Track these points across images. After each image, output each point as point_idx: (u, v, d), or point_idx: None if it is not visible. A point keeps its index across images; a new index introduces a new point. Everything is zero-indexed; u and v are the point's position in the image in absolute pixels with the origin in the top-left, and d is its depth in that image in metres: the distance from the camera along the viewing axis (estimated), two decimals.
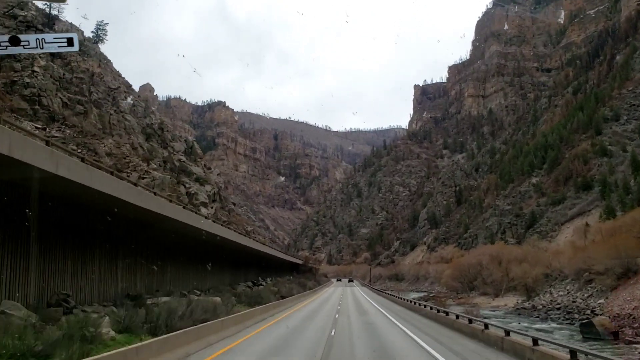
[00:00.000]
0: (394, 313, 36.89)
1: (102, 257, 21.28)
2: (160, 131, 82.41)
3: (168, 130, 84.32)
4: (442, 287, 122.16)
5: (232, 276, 49.37)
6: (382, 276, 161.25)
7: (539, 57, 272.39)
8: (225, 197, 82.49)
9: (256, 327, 25.00)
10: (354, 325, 26.29)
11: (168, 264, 31.02)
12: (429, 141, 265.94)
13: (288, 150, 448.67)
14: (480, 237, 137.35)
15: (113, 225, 20.48)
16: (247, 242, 47.76)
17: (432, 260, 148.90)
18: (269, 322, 27.77)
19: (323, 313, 35.71)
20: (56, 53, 23.33)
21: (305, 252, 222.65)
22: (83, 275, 19.70)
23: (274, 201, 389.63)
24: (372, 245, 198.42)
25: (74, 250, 19.03)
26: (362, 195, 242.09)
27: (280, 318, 30.74)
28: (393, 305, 47.33)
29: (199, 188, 75.53)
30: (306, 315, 33.56)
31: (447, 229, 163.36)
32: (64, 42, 2.40)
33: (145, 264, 26.17)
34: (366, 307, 43.45)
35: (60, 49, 2.47)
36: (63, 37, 2.31)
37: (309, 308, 41.40)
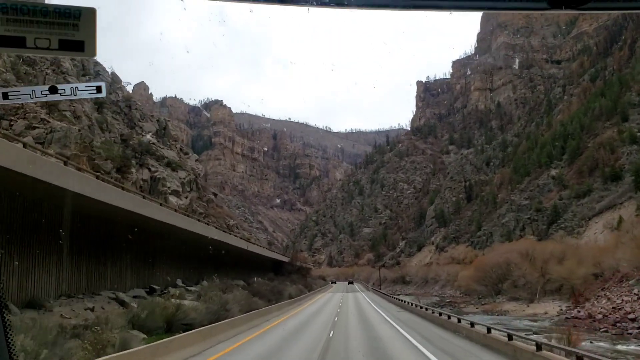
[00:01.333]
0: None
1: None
2: (128, 109, 69.73)
3: (137, 108, 71.66)
4: (456, 290, 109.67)
5: (172, 272, 36.01)
6: (386, 279, 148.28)
7: (548, 49, 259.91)
8: (204, 186, 69.67)
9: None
10: None
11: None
12: (434, 136, 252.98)
13: (287, 150, 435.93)
14: (496, 235, 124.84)
15: None
16: (190, 227, 34.50)
17: (442, 261, 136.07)
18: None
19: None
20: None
21: (305, 254, 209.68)
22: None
23: (273, 202, 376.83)
24: (375, 245, 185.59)
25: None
26: (364, 193, 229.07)
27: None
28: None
29: (170, 174, 62.88)
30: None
31: (457, 227, 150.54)
32: (94, 90, 2.51)
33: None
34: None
35: (91, 95, 2.57)
36: (93, 85, 2.45)
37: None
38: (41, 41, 1.87)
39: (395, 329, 26.25)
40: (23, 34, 1.84)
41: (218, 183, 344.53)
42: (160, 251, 33.55)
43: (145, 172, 57.22)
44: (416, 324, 30.35)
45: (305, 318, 34.71)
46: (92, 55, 1.76)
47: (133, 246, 27.80)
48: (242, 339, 21.87)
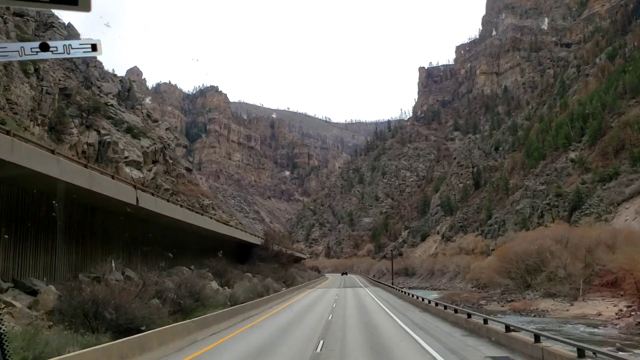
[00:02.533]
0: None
1: None
2: (85, 66, 58.01)
3: (96, 66, 59.94)
4: (466, 283, 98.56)
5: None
6: (388, 270, 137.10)
7: (557, 31, 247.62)
8: (175, 159, 58.03)
9: None
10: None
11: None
12: (438, 122, 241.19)
13: (285, 139, 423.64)
14: (509, 222, 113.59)
15: None
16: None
17: (449, 251, 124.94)
18: None
19: None
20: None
21: (301, 245, 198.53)
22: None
23: (270, 192, 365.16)
24: (376, 236, 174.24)
25: None
26: (364, 181, 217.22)
27: None
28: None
29: (128, 141, 51.30)
30: None
31: (464, 215, 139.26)
32: (89, 48, 2.52)
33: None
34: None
35: (86, 54, 2.58)
36: (88, 43, 2.48)
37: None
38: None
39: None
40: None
41: (213, 172, 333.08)
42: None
43: (92, 135, 45.73)
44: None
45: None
46: (87, 9, 1.84)
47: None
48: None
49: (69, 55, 2.51)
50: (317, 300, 44.01)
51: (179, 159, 63.51)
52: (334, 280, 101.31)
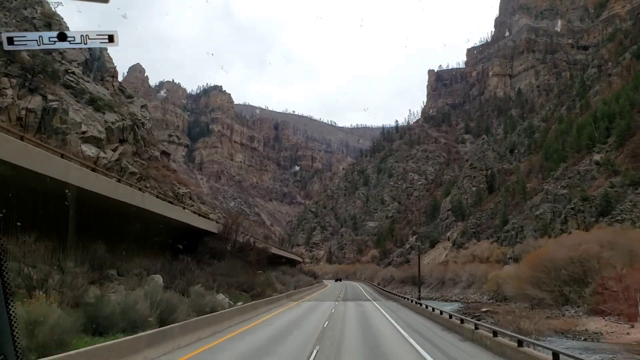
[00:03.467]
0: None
1: None
2: (47, 27, 49.00)
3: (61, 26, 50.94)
4: (482, 294, 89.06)
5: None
6: (394, 278, 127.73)
7: (574, 33, 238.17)
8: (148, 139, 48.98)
9: None
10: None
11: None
12: (448, 124, 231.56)
13: (289, 141, 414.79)
14: (528, 228, 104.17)
15: None
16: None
17: (461, 259, 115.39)
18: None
19: None
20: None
21: (302, 249, 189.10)
22: None
23: (272, 194, 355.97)
24: (380, 241, 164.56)
25: None
26: (369, 183, 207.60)
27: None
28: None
29: (89, 114, 42.25)
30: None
31: (477, 221, 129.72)
32: (106, 39, 2.66)
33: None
34: None
35: (102, 44, 2.83)
36: (105, 33, 2.63)
37: None
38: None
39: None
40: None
41: (214, 172, 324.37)
42: None
43: (35, 100, 36.70)
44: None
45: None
46: (105, 1, 1.84)
47: None
48: None
49: (86, 45, 2.54)
50: (292, 326, 25.90)
51: (154, 141, 54.35)
52: (332, 289, 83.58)
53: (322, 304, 43.89)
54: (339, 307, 39.23)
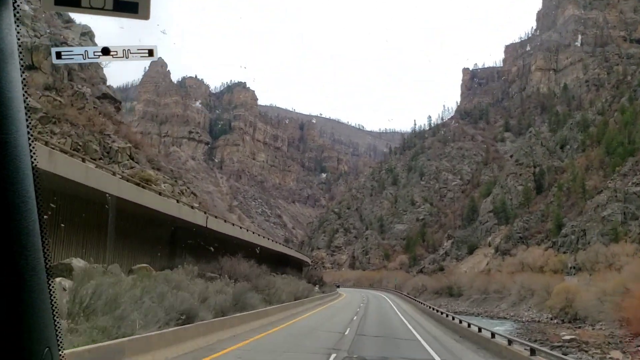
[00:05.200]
0: None
1: None
2: None
3: None
4: (539, 311, 71.33)
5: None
6: (426, 288, 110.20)
7: (627, 25, 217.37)
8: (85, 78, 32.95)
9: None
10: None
11: None
12: (486, 121, 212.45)
13: (315, 142, 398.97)
14: (593, 232, 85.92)
15: None
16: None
17: (507, 268, 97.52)
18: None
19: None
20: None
21: (322, 252, 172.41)
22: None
23: (295, 196, 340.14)
24: (410, 246, 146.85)
25: None
26: (398, 182, 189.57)
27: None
28: None
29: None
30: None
31: (525, 224, 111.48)
32: (146, 53, 2.99)
33: None
34: None
35: (143, 58, 3.01)
36: (145, 48, 2.99)
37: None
38: (96, 1, 1.82)
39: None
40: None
41: (234, 171, 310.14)
42: None
43: None
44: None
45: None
46: (146, 17, 1.96)
47: None
48: None
49: (127, 59, 2.66)
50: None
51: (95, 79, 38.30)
52: (348, 303, 59.86)
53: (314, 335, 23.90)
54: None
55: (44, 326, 1.80)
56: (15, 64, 1.64)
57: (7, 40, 1.61)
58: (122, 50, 2.68)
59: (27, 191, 1.66)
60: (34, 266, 1.71)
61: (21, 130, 1.58)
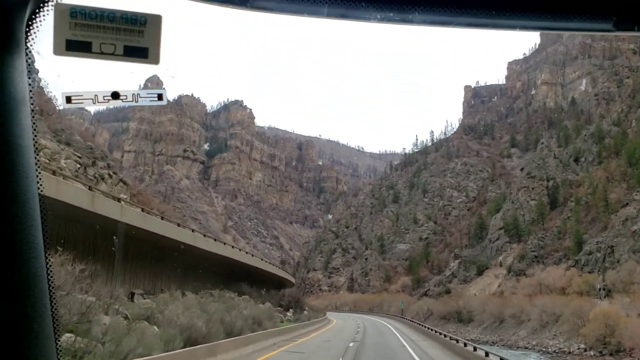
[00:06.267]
0: None
1: None
2: None
3: None
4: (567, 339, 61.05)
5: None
6: (432, 313, 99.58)
7: (636, 38, 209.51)
8: None
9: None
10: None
11: None
12: (491, 137, 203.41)
13: (313, 162, 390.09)
14: (622, 249, 75.94)
15: None
16: None
17: (522, 289, 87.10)
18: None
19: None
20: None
21: (318, 274, 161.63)
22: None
23: (293, 217, 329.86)
24: (413, 267, 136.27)
25: None
26: (399, 200, 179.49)
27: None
28: None
29: None
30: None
31: (540, 241, 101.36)
32: (155, 97, 2.89)
33: None
34: None
35: (152, 102, 2.94)
36: (154, 92, 2.80)
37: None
38: (106, 47, 1.87)
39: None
40: (89, 38, 1.85)
41: (230, 190, 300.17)
42: None
43: None
44: None
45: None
46: (156, 62, 1.98)
47: None
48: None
49: (137, 103, 2.61)
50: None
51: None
52: (329, 340, 38.33)
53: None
54: None
55: (44, 339, 1.76)
56: (26, 110, 1.63)
57: (20, 88, 1.61)
58: (131, 95, 2.57)
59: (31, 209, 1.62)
60: (34, 273, 1.69)
61: (30, 176, 1.60)
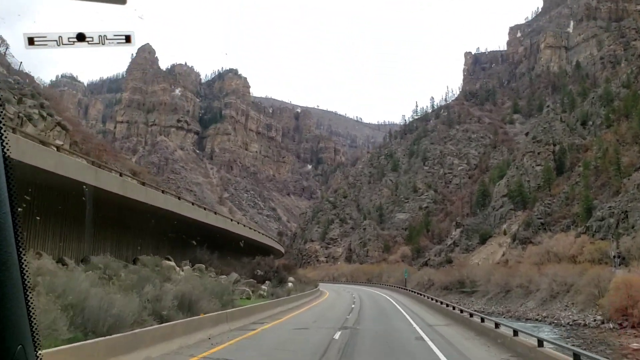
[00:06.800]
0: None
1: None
2: None
3: None
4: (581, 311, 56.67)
5: None
6: (433, 283, 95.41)
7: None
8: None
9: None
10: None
11: None
12: (493, 103, 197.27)
13: (310, 132, 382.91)
14: (636, 214, 71.10)
15: None
16: None
17: (529, 258, 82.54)
18: None
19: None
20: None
21: (316, 245, 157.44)
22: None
23: (290, 188, 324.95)
24: (413, 236, 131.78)
25: None
26: (399, 169, 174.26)
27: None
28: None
29: None
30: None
31: (546, 208, 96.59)
32: (123, 39, 2.91)
33: None
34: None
35: (120, 44, 2.93)
36: (122, 34, 2.88)
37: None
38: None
39: None
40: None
41: (225, 161, 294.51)
42: None
43: None
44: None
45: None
46: (123, 3, 2.02)
47: None
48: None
49: (103, 45, 2.60)
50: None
51: None
52: (314, 320, 29.18)
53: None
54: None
55: (15, 322, 1.69)
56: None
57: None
58: (97, 36, 2.60)
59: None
60: (4, 260, 1.61)
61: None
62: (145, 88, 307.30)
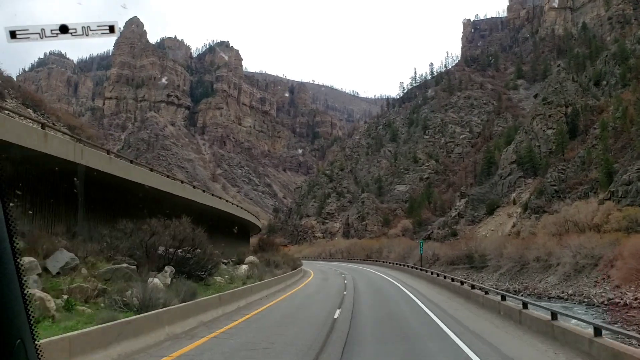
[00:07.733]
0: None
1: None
2: None
3: None
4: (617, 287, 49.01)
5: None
6: (438, 258, 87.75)
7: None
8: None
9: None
10: None
11: None
12: (495, 69, 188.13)
13: (306, 106, 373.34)
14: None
15: None
16: None
17: (545, 228, 74.57)
18: None
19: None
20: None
21: (312, 220, 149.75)
22: None
23: (286, 164, 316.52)
24: (414, 209, 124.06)
25: None
26: (398, 138, 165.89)
27: None
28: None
29: None
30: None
31: (560, 174, 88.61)
32: (106, 30, 2.90)
33: None
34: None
35: (104, 35, 2.95)
36: (105, 24, 2.89)
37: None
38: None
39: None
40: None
41: (218, 137, 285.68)
42: None
43: None
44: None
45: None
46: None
47: None
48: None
49: (87, 36, 2.58)
50: None
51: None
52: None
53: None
54: None
55: (13, 317, 1.67)
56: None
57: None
58: (81, 28, 2.57)
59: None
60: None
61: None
62: (134, 63, 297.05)
